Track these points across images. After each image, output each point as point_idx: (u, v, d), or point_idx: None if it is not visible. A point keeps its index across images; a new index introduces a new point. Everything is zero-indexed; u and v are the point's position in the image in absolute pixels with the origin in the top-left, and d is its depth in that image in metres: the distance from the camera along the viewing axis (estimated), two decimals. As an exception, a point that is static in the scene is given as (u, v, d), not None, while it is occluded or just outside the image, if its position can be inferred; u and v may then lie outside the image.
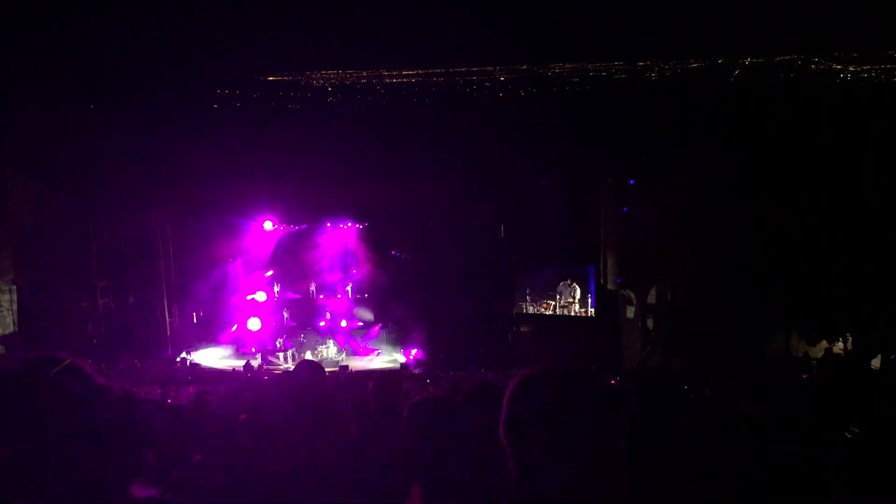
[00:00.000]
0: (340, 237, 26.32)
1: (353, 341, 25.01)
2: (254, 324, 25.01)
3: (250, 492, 2.37)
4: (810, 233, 19.34)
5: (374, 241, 26.05)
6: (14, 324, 21.73)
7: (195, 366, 22.43)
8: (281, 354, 23.63)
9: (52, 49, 23.58)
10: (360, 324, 25.65)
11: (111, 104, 24.83)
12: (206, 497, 2.59)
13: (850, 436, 3.50)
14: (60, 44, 24.00)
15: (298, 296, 26.10)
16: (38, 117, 21.61)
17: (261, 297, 25.88)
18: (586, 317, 23.66)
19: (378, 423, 3.76)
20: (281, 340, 24.37)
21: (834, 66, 34.55)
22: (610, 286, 22.88)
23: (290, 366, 20.70)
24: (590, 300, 23.50)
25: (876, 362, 17.76)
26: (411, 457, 2.31)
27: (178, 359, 23.34)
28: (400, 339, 24.91)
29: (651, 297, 22.60)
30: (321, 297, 26.05)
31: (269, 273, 26.05)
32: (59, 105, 22.13)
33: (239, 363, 22.63)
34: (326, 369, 16.40)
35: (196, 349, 24.52)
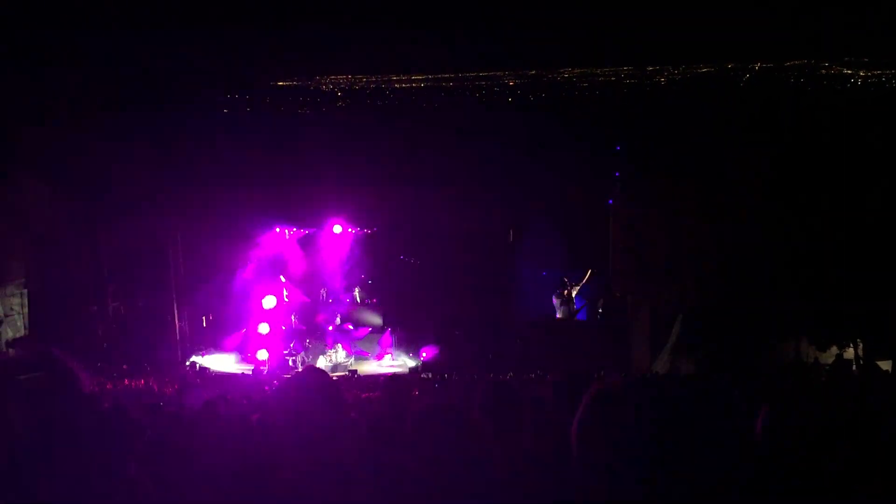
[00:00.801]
0: (349, 242, 26.35)
1: (361, 347, 25.01)
2: (263, 328, 25.05)
3: (257, 495, 2.37)
4: (821, 237, 19.26)
5: (383, 245, 26.07)
6: (25, 327, 21.83)
7: (205, 370, 22.46)
8: (290, 359, 23.63)
9: (61, 53, 23.71)
10: (370, 329, 25.63)
11: (121, 108, 24.94)
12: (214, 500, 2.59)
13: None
14: (70, 48, 24.12)
15: (308, 300, 26.11)
16: (48, 122, 21.73)
17: (271, 301, 25.91)
18: (595, 322, 23.61)
19: (387, 427, 3.76)
20: (291, 345, 24.40)
21: (844, 70, 34.41)
22: (618, 291, 22.81)
23: (300, 370, 20.71)
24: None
25: (886, 367, 17.67)
26: (415, 464, 2.31)
27: (187, 363, 23.38)
28: (409, 344, 24.90)
29: (661, 303, 22.51)
30: (330, 301, 26.07)
31: (282, 278, 26.10)
32: (70, 109, 22.26)
33: (248, 367, 22.67)
34: (335, 374, 16.40)
35: (206, 353, 24.57)
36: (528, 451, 2.59)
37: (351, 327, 25.43)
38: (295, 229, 26.09)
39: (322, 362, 23.00)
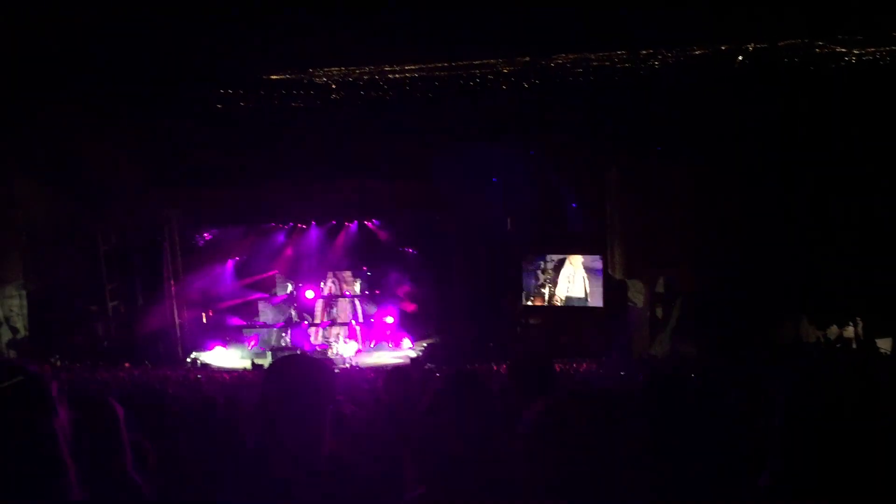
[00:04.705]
0: (347, 235, 26.39)
1: (364, 336, 25.10)
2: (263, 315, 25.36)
3: (253, 486, 2.37)
4: (818, 217, 19.27)
5: (382, 237, 26.10)
6: (24, 328, 21.84)
7: (205, 366, 22.51)
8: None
9: (56, 51, 23.60)
10: (371, 320, 25.71)
11: (116, 106, 24.85)
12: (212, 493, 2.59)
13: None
14: (64, 45, 24.01)
15: (308, 294, 26.14)
16: (44, 121, 21.67)
17: (271, 295, 26.05)
18: (594, 307, 23.65)
19: (386, 415, 3.76)
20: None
21: (839, 49, 34.27)
22: (616, 275, 22.83)
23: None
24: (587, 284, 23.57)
25: (886, 346, 17.71)
26: (410, 447, 2.31)
27: (188, 360, 23.43)
28: (409, 334, 25.05)
29: (659, 286, 22.54)
30: (329, 294, 26.12)
31: (275, 272, 26.18)
32: (65, 108, 22.18)
33: (248, 363, 22.72)
34: (338, 366, 16.43)
35: (206, 350, 24.64)
36: (491, 442, 2.57)
37: (352, 320, 25.56)
38: (291, 224, 26.14)
39: (330, 354, 23.41)
